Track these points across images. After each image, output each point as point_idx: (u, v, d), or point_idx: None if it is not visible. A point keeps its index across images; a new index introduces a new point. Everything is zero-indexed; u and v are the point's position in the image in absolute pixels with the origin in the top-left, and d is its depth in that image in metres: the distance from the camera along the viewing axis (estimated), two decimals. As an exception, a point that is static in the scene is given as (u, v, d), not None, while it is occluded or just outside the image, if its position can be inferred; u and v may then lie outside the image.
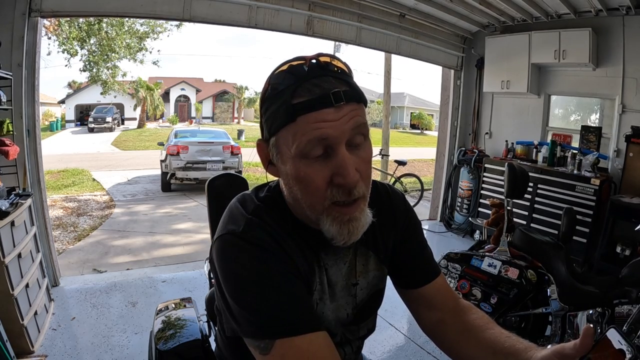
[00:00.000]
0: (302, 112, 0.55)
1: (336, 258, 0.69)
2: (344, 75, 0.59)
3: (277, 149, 0.60)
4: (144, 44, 10.09)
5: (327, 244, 0.63)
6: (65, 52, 8.92)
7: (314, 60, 0.58)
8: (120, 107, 23.14)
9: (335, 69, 0.59)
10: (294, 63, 0.59)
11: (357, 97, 0.58)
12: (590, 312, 1.84)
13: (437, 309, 0.76)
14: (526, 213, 3.77)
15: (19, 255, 2.07)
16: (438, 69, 5.11)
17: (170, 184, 7.39)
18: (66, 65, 9.67)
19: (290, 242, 0.63)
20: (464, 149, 4.76)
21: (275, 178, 0.67)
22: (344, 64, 0.61)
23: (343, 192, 0.57)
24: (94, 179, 8.46)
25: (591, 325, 0.49)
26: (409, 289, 0.78)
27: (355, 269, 0.72)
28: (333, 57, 0.61)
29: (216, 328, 0.98)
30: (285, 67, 0.59)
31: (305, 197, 0.59)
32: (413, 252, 0.78)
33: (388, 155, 8.07)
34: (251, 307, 0.56)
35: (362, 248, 0.72)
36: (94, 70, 10.31)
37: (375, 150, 7.61)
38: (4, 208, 2.01)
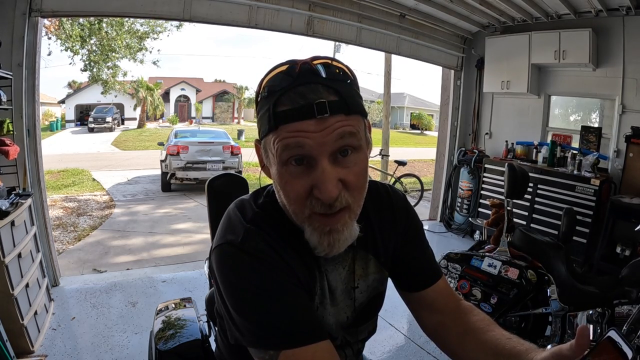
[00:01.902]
0: (284, 121, 0.54)
1: (335, 263, 0.69)
2: (337, 83, 0.56)
3: (266, 153, 0.60)
4: (143, 44, 10.09)
5: None
6: (68, 50, 8.91)
7: (305, 65, 0.56)
8: (120, 107, 23.15)
9: (337, 70, 0.57)
10: (286, 66, 0.57)
11: (345, 108, 0.55)
12: (590, 312, 1.84)
13: (438, 312, 0.75)
14: (526, 213, 3.77)
15: (19, 255, 2.07)
16: (438, 69, 5.11)
17: (170, 184, 7.39)
18: (70, 64, 9.69)
19: (289, 250, 0.62)
20: (464, 149, 4.76)
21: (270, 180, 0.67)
22: (346, 67, 0.59)
23: (322, 204, 0.56)
24: (94, 179, 8.45)
25: (588, 325, 0.49)
26: (410, 292, 0.77)
27: (355, 273, 0.71)
28: (332, 59, 0.58)
29: (216, 328, 0.98)
30: (276, 71, 0.57)
31: (288, 204, 0.59)
32: (414, 255, 0.77)
33: (388, 156, 8.08)
34: (254, 319, 0.56)
35: (361, 252, 0.71)
36: (95, 70, 10.31)
37: (375, 150, 7.62)
38: (4, 208, 2.01)
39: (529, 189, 3.35)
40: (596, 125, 4.00)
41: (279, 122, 0.54)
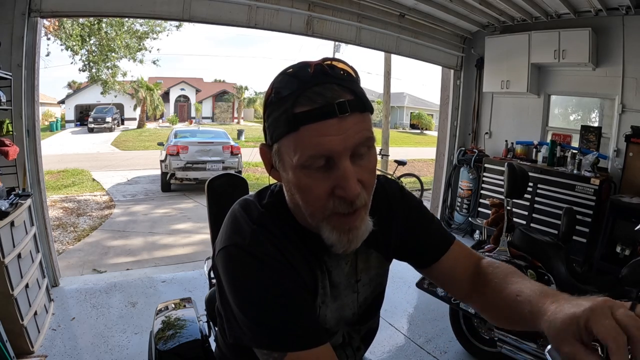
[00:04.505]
0: (304, 122, 0.54)
1: (339, 259, 0.70)
2: (349, 82, 0.57)
3: (279, 156, 0.59)
4: (143, 44, 10.08)
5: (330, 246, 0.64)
6: (69, 49, 8.88)
7: (318, 66, 0.56)
8: (120, 107, 23.15)
9: (342, 72, 0.57)
10: (297, 68, 0.57)
11: (361, 106, 0.56)
12: (590, 311, 1.83)
13: (461, 277, 0.75)
14: (526, 213, 3.76)
15: (19, 256, 2.07)
16: (438, 69, 5.10)
17: (170, 184, 7.39)
18: (72, 63, 9.65)
19: (294, 251, 0.63)
20: (463, 148, 4.76)
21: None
22: (351, 67, 0.60)
23: (344, 203, 0.57)
24: (93, 179, 8.46)
25: None
26: (428, 267, 0.77)
27: (357, 267, 0.73)
28: (340, 60, 0.59)
29: (216, 328, 0.98)
30: (288, 73, 0.58)
31: (306, 206, 0.59)
32: (421, 233, 0.78)
33: (388, 155, 8.09)
34: (261, 322, 0.57)
35: (362, 246, 0.71)
36: (94, 70, 10.30)
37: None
38: (3, 208, 2.01)
39: (529, 189, 3.35)
40: (596, 124, 3.99)
41: (300, 124, 0.54)
